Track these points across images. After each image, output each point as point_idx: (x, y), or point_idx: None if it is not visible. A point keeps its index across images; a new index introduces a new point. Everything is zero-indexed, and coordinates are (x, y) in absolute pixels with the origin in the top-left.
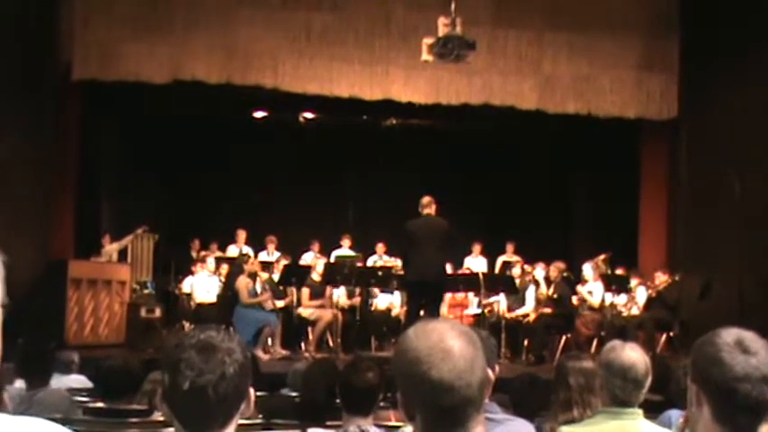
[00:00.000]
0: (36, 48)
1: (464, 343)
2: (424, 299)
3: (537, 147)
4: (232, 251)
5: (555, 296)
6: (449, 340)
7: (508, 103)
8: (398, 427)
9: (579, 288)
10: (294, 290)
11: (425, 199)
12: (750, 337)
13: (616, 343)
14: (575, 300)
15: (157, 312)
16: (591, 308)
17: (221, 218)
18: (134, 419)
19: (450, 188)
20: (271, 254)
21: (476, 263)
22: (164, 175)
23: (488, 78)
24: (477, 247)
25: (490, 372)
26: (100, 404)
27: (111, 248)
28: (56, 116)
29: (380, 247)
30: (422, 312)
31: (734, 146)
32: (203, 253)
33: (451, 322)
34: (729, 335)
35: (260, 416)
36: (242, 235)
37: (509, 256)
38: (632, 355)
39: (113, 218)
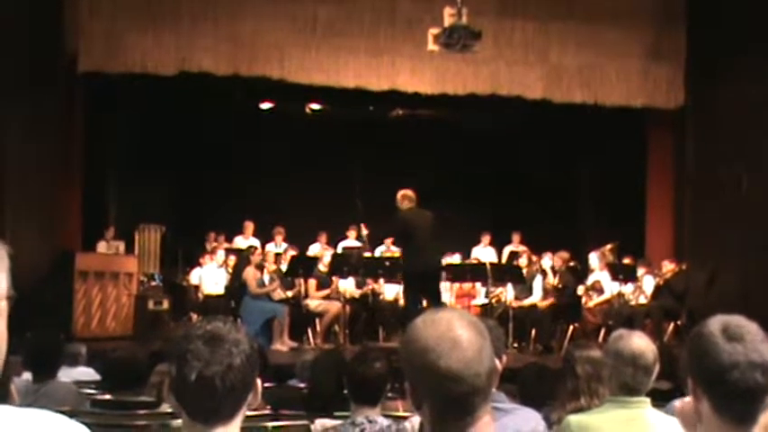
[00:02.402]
0: (42, 40)
1: (472, 333)
2: (425, 289)
3: (544, 136)
4: (239, 243)
5: (559, 286)
6: (457, 330)
7: (514, 92)
8: (406, 416)
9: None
10: (301, 281)
11: (410, 192)
12: (736, 322)
13: (623, 332)
14: (581, 290)
15: (165, 304)
16: (598, 293)
17: (228, 209)
18: (141, 411)
19: (457, 178)
20: (278, 245)
21: (484, 253)
22: (170, 167)
23: (494, 68)
24: (486, 238)
25: (497, 362)
26: (107, 396)
27: (109, 245)
28: (63, 108)
29: (352, 233)
30: (424, 302)
31: (740, 135)
32: (214, 244)
33: (460, 312)
34: (715, 324)
35: (267, 407)
36: (250, 227)
37: (515, 246)
38: (640, 342)
39: (120, 209)
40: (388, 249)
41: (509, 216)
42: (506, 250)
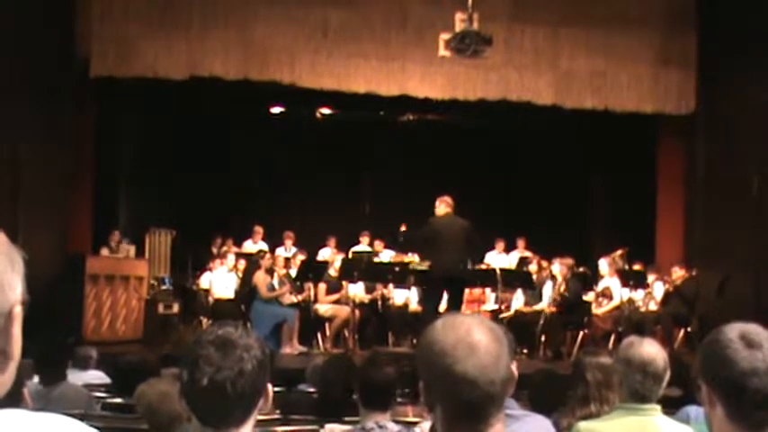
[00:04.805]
0: (55, 45)
1: (490, 339)
2: (447, 294)
3: (554, 142)
4: (249, 247)
5: (566, 294)
6: (475, 335)
7: (525, 98)
8: (416, 422)
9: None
10: (311, 285)
11: (447, 198)
12: (754, 330)
13: (634, 338)
14: (591, 296)
15: (175, 308)
16: (608, 300)
17: (239, 213)
18: None
19: (467, 184)
20: (288, 249)
21: (498, 259)
22: (181, 171)
23: (505, 74)
24: (500, 244)
25: (514, 369)
26: (118, 400)
27: (113, 250)
28: (74, 113)
29: (378, 244)
30: (441, 308)
31: (751, 141)
32: (223, 249)
33: (479, 317)
34: (733, 330)
35: (277, 411)
36: (259, 231)
37: (521, 251)
38: (651, 350)
39: (131, 213)
40: (398, 255)
41: (519, 221)
42: (512, 256)
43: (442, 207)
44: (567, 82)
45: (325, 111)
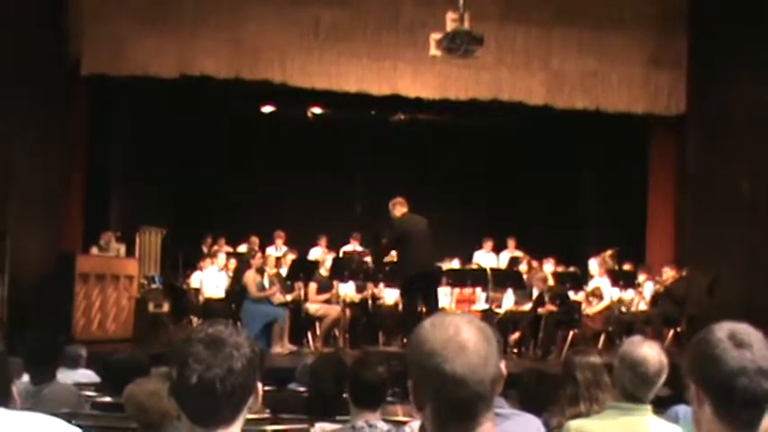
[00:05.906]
0: (46, 43)
1: (479, 338)
2: (424, 293)
3: (545, 142)
4: (243, 250)
5: (557, 302)
6: (464, 334)
7: (516, 98)
8: (405, 421)
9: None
10: (302, 285)
11: (401, 199)
12: (743, 329)
13: (635, 338)
14: (581, 296)
15: (165, 307)
16: (599, 300)
17: (229, 213)
18: None
19: (458, 183)
20: (278, 249)
21: (486, 258)
22: (172, 170)
23: (496, 73)
24: (488, 243)
25: (503, 368)
26: (107, 399)
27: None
28: (66, 112)
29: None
30: (423, 307)
31: (742, 142)
32: (214, 248)
33: (468, 316)
34: (722, 330)
35: (268, 410)
36: (255, 242)
37: (511, 251)
38: (647, 351)
39: (122, 212)
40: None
41: (510, 221)
42: (502, 256)
43: (398, 208)
44: (558, 82)
45: (317, 110)
